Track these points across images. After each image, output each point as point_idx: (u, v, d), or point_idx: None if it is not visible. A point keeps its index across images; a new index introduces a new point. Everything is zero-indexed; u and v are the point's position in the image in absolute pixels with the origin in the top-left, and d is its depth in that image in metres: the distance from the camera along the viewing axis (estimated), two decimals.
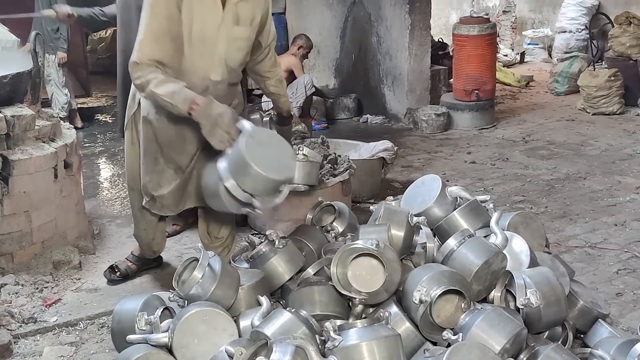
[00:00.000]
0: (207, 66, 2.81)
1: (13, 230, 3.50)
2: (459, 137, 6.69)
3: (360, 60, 7.83)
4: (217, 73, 2.84)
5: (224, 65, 2.85)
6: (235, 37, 2.81)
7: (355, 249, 2.42)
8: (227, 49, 2.82)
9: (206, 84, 2.82)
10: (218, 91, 2.85)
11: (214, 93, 2.76)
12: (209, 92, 2.76)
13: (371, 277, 2.42)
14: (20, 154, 3.47)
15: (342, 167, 4.40)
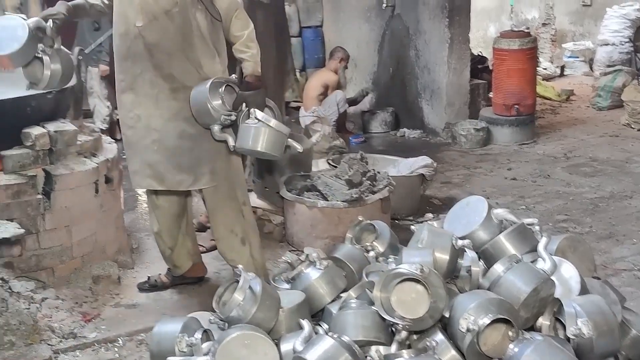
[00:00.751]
0: (132, 13, 3.08)
1: (54, 244, 3.53)
2: (498, 152, 6.58)
3: (398, 74, 7.77)
4: (139, 19, 3.06)
5: (144, 12, 3.05)
6: None
7: (399, 274, 2.36)
8: None
9: (136, 31, 3.09)
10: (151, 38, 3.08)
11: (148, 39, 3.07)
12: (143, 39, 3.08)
13: (415, 303, 2.35)
14: (63, 169, 3.50)
15: (382, 184, 4.35)
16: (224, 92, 3.06)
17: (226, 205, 3.39)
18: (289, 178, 4.49)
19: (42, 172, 3.46)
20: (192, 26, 3.12)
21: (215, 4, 3.12)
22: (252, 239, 3.48)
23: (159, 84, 3.16)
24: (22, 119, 3.46)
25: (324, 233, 4.15)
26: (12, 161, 3.40)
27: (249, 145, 2.99)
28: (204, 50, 3.18)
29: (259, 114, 2.97)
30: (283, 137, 3.06)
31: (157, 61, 3.14)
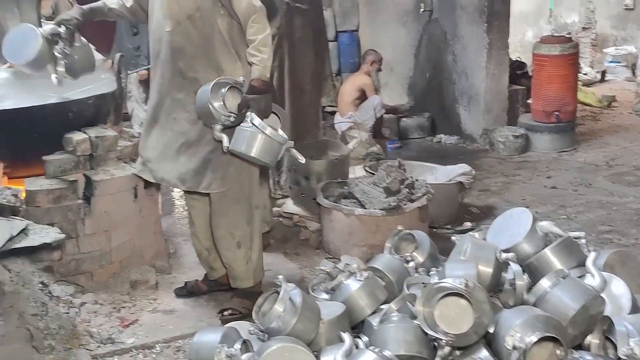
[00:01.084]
0: (162, 18, 3.17)
1: (93, 249, 3.55)
2: (537, 160, 6.44)
3: (435, 79, 7.69)
4: (168, 24, 3.15)
5: (171, 18, 3.14)
6: None
7: (443, 288, 2.31)
8: (169, 2, 3.13)
9: (165, 36, 3.19)
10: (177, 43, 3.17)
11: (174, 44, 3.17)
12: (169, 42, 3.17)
13: (459, 318, 2.30)
14: (103, 174, 3.52)
15: (420, 192, 4.29)
16: (231, 93, 3.05)
17: (231, 210, 3.39)
18: (326, 185, 4.46)
19: (83, 177, 3.49)
20: (214, 30, 3.18)
21: (234, 8, 3.14)
22: (253, 242, 3.48)
23: (185, 88, 3.23)
24: (64, 125, 3.50)
25: (361, 241, 4.11)
26: (53, 166, 3.43)
27: (242, 149, 2.98)
28: (226, 54, 3.22)
29: (256, 119, 2.95)
30: (278, 145, 3.02)
31: (182, 65, 3.21)
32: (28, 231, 3.08)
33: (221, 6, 3.15)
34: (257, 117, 2.96)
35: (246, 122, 2.98)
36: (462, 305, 2.31)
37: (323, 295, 2.86)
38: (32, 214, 3.32)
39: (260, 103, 3.09)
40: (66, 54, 3.33)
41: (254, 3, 3.13)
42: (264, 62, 3.14)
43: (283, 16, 4.74)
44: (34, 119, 3.39)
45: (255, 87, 3.10)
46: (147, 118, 3.43)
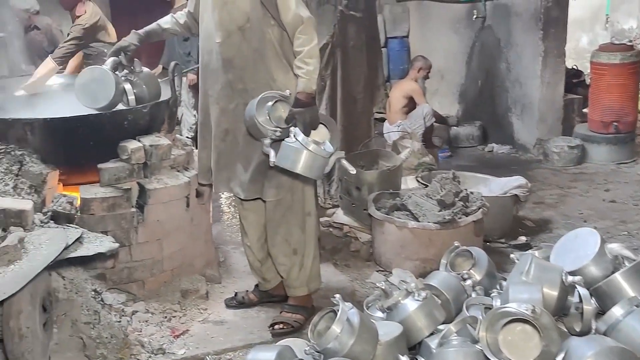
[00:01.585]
0: (212, 30, 3.19)
1: (145, 257, 3.54)
2: (594, 171, 6.24)
3: (487, 87, 7.53)
4: (218, 36, 3.15)
5: (222, 29, 3.14)
6: (225, 1, 3.13)
7: (508, 313, 2.21)
8: (220, 13, 3.14)
9: (215, 47, 3.20)
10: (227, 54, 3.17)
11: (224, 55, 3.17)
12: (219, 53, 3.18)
13: (524, 345, 2.20)
14: (157, 183, 3.51)
15: (475, 205, 4.18)
16: (278, 106, 3.05)
17: (286, 218, 3.38)
18: (378, 195, 4.38)
19: (137, 185, 3.49)
20: (265, 40, 3.15)
21: (282, 19, 3.11)
22: (308, 249, 3.45)
23: (235, 99, 3.23)
24: (119, 133, 3.50)
25: (414, 254, 4.02)
26: (108, 174, 3.44)
27: (287, 165, 2.97)
28: (277, 64, 3.19)
29: (299, 134, 2.92)
30: (323, 160, 2.98)
31: (232, 76, 3.20)
32: (83, 239, 3.09)
33: (271, 17, 3.13)
34: (300, 133, 2.94)
35: (291, 138, 2.94)
36: (528, 331, 2.21)
37: (378, 313, 2.78)
38: (87, 222, 3.33)
39: (305, 116, 3.04)
40: (133, 83, 3.48)
41: (300, 14, 3.08)
42: (309, 75, 3.09)
43: (337, 24, 4.68)
44: (90, 127, 3.40)
45: (301, 100, 3.06)
46: (200, 128, 3.42)
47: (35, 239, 2.92)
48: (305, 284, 3.47)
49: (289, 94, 3.09)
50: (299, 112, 3.03)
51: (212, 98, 3.29)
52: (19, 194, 3.26)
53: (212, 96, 3.28)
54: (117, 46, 3.47)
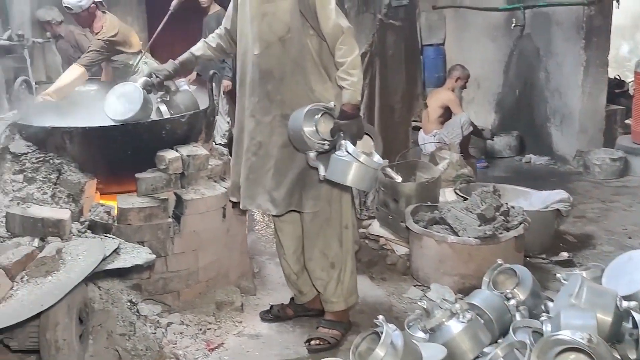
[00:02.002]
0: (250, 41, 3.15)
1: (181, 268, 3.51)
2: (638, 185, 6.07)
3: (525, 97, 7.39)
4: (256, 47, 3.11)
5: (261, 40, 3.09)
6: (264, 12, 3.08)
7: (562, 341, 2.11)
8: (259, 24, 3.09)
9: (253, 59, 3.15)
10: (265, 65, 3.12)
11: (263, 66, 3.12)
12: (257, 65, 3.13)
13: None
14: (194, 193, 3.48)
15: (516, 220, 4.06)
16: (323, 118, 2.98)
17: (324, 230, 3.31)
18: (416, 208, 4.28)
19: (174, 195, 3.46)
20: (305, 51, 3.10)
21: (321, 29, 3.06)
22: (345, 263, 3.38)
23: (272, 111, 3.17)
24: (157, 142, 3.48)
25: (453, 270, 3.92)
26: (145, 184, 3.41)
27: (337, 178, 2.91)
28: (316, 75, 3.14)
29: (349, 146, 2.86)
30: (373, 171, 2.93)
31: (270, 88, 3.15)
32: (120, 250, 3.07)
33: (310, 27, 3.08)
34: (350, 145, 2.88)
35: (340, 150, 2.89)
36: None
37: (420, 334, 2.70)
38: (124, 232, 3.31)
39: (352, 128, 2.98)
40: (169, 103, 3.53)
41: (340, 24, 3.02)
42: (354, 86, 3.02)
43: (375, 33, 4.61)
44: (129, 136, 3.38)
45: (346, 112, 3.00)
46: (234, 144, 3.37)
47: (72, 250, 2.90)
48: (343, 299, 3.39)
49: (334, 105, 3.03)
50: (345, 124, 2.97)
51: (248, 111, 3.24)
52: (57, 202, 3.25)
53: (249, 109, 3.23)
54: (152, 69, 3.54)
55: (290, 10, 3.06)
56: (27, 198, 3.24)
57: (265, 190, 3.22)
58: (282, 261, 3.56)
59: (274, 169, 3.19)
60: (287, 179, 3.19)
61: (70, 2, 5.28)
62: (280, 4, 3.06)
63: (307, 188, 3.21)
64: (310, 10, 3.04)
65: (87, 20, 5.40)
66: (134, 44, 5.70)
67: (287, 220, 3.41)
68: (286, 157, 3.18)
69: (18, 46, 4.71)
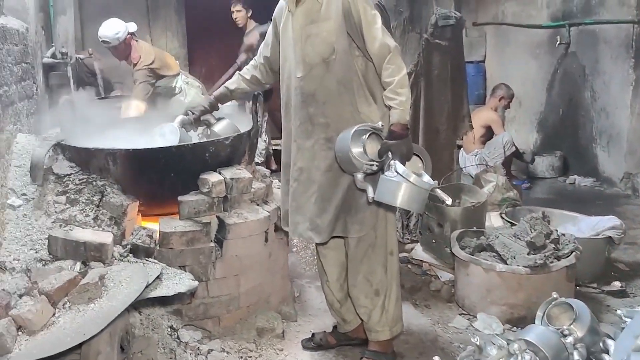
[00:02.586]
0: (293, 65, 3.07)
1: (222, 293, 3.43)
2: None
3: (569, 116, 7.21)
4: (299, 70, 3.04)
5: (304, 63, 3.02)
6: (308, 35, 3.01)
7: None
8: (303, 47, 3.02)
9: (296, 82, 3.08)
10: (308, 88, 3.04)
11: (305, 89, 3.04)
12: (300, 88, 3.05)
13: None
14: (236, 217, 3.40)
15: (567, 248, 3.90)
16: (371, 139, 2.89)
17: (368, 256, 3.21)
18: (461, 233, 4.15)
19: (216, 219, 3.39)
20: (351, 72, 3.01)
21: (367, 49, 2.97)
22: (390, 290, 3.27)
23: (314, 135, 3.08)
24: (200, 165, 3.42)
25: (501, 299, 3.77)
26: (188, 207, 3.35)
27: (387, 200, 2.80)
28: (362, 96, 3.05)
29: (399, 167, 2.76)
30: (424, 192, 2.82)
31: (313, 111, 3.07)
32: (162, 276, 3.00)
33: (356, 47, 3.00)
34: (400, 165, 2.78)
35: (390, 171, 2.80)
36: None
37: None
38: (165, 256, 3.25)
39: (401, 148, 2.88)
40: (209, 136, 3.55)
41: (387, 43, 2.93)
42: (402, 105, 2.91)
43: (421, 52, 4.51)
44: (172, 158, 3.32)
45: (395, 132, 2.89)
46: (282, 170, 3.29)
47: (115, 276, 2.84)
48: (388, 328, 3.28)
49: (382, 125, 2.94)
50: (394, 145, 2.87)
51: (291, 136, 3.17)
52: (99, 225, 3.21)
53: (292, 133, 3.16)
54: (188, 106, 3.54)
55: (335, 31, 2.98)
56: (70, 220, 3.20)
57: (307, 218, 3.13)
58: (324, 288, 3.46)
59: (317, 194, 3.10)
60: (331, 205, 3.10)
61: (108, 36, 5.28)
62: (324, 26, 3.00)
63: (352, 212, 3.12)
64: (356, 31, 2.97)
65: (125, 52, 5.42)
66: (172, 65, 5.69)
67: (331, 247, 3.32)
68: (330, 182, 3.09)
69: (61, 64, 4.71)
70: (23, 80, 3.88)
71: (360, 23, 2.95)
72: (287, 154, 3.22)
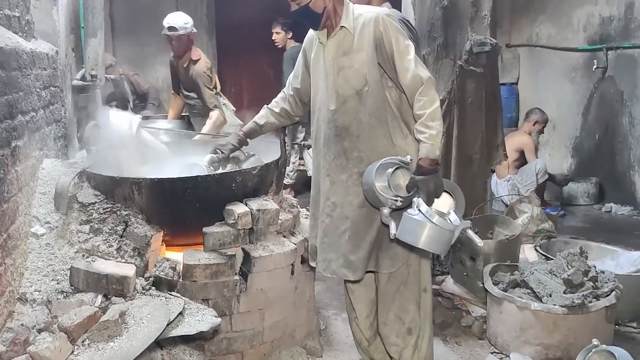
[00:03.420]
0: (326, 97, 3.00)
1: (246, 328, 3.33)
2: None
3: (606, 142, 7.01)
4: (332, 103, 2.96)
5: (337, 95, 2.95)
6: (340, 66, 2.94)
7: None
8: (335, 79, 2.95)
9: (329, 115, 3.00)
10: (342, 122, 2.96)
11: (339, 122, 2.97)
12: (333, 121, 2.98)
13: None
14: (262, 250, 3.30)
15: (606, 286, 3.73)
16: (398, 173, 2.81)
17: (401, 293, 3.10)
18: (494, 267, 4.00)
19: (242, 251, 3.30)
20: (385, 104, 2.93)
21: (400, 80, 2.88)
22: (424, 329, 3.15)
23: (348, 169, 2.99)
24: (226, 195, 3.33)
25: (535, 339, 3.61)
26: (213, 239, 3.26)
27: (408, 240, 2.71)
28: (396, 129, 2.96)
29: (422, 206, 2.66)
30: (447, 234, 2.70)
31: (346, 144, 2.98)
32: (184, 311, 2.91)
33: (389, 78, 2.91)
34: (423, 204, 2.68)
35: (413, 209, 2.68)
36: None
37: None
38: (188, 289, 3.16)
39: (429, 184, 2.77)
40: None
41: (420, 74, 2.83)
42: (432, 139, 2.80)
43: (455, 79, 4.39)
44: (198, 188, 3.23)
45: (424, 167, 2.79)
46: (311, 204, 3.21)
47: (136, 312, 2.76)
48: None
49: (410, 159, 2.83)
50: (421, 180, 2.76)
51: (323, 170, 3.07)
52: (122, 256, 3.13)
53: (324, 167, 3.06)
54: (216, 144, 3.46)
55: (368, 62, 2.90)
56: (93, 250, 3.14)
57: (341, 254, 3.03)
58: (352, 325, 3.34)
59: (350, 231, 3.00)
60: (365, 242, 2.99)
61: (178, 23, 5.14)
62: (357, 57, 2.91)
63: (384, 247, 3.02)
64: (388, 62, 2.88)
65: (186, 46, 5.26)
66: (217, 82, 5.57)
67: (360, 283, 3.21)
68: (363, 218, 2.99)
69: (91, 86, 4.68)
70: (51, 104, 3.84)
71: (392, 54, 2.86)
72: (317, 188, 3.12)
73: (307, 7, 2.90)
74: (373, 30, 2.87)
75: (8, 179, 2.85)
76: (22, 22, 3.66)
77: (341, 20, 2.95)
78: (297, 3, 2.92)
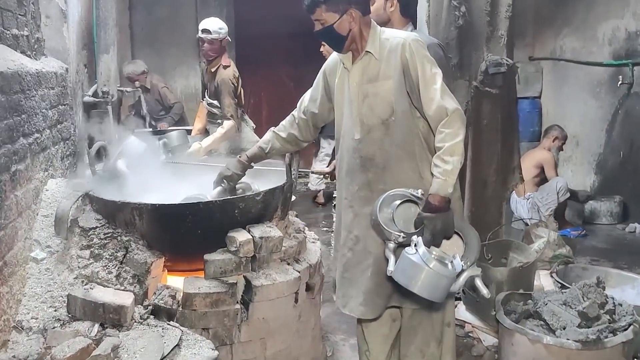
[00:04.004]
0: (350, 126, 2.90)
1: (247, 357, 3.25)
2: None
3: (631, 160, 6.82)
4: (357, 132, 2.87)
5: (362, 124, 2.85)
6: (365, 94, 2.84)
7: None
8: (360, 107, 2.85)
9: (354, 144, 2.90)
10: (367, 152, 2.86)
11: (364, 152, 2.86)
12: (357, 150, 2.88)
13: None
14: (264, 279, 3.22)
15: (624, 320, 3.57)
16: (409, 207, 2.69)
17: (423, 327, 3.02)
18: (507, 296, 3.87)
19: (243, 279, 3.22)
20: (413, 135, 2.81)
21: (425, 111, 2.75)
22: None
23: (372, 201, 2.85)
24: (229, 222, 3.26)
25: None
26: (214, 266, 3.19)
27: (402, 282, 2.58)
28: (424, 160, 2.83)
29: (421, 247, 2.52)
30: (445, 280, 2.55)
31: (371, 176, 2.87)
32: (182, 343, 2.84)
33: (416, 109, 2.78)
34: (422, 245, 2.54)
35: (411, 247, 2.56)
36: None
37: None
38: (188, 318, 3.09)
39: (435, 223, 2.64)
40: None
41: (445, 105, 2.70)
42: (446, 175, 2.66)
43: (470, 101, 4.28)
44: (200, 215, 3.17)
45: (432, 204, 2.66)
46: (334, 236, 3.13)
47: (130, 345, 2.70)
48: None
49: (422, 194, 2.71)
50: (428, 218, 2.64)
51: (346, 201, 2.97)
52: (121, 283, 3.08)
53: (347, 199, 2.96)
54: (221, 175, 3.36)
55: (395, 90, 2.78)
56: (92, 277, 3.09)
57: (361, 292, 2.93)
58: (362, 358, 3.25)
59: (373, 267, 2.89)
60: (386, 278, 2.85)
61: (212, 27, 5.08)
62: (383, 84, 2.79)
63: None
64: (414, 90, 2.76)
65: (218, 51, 5.14)
66: (242, 96, 5.47)
67: None
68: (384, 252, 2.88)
69: (102, 102, 4.66)
70: (59, 123, 3.81)
71: (418, 82, 2.73)
72: (339, 220, 3.03)
73: (332, 28, 2.79)
74: (400, 57, 2.76)
75: (6, 205, 2.81)
76: (32, 40, 3.64)
77: (367, 45, 2.83)
78: (321, 23, 2.80)
